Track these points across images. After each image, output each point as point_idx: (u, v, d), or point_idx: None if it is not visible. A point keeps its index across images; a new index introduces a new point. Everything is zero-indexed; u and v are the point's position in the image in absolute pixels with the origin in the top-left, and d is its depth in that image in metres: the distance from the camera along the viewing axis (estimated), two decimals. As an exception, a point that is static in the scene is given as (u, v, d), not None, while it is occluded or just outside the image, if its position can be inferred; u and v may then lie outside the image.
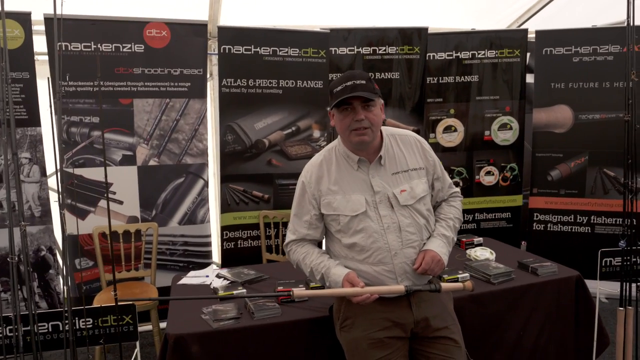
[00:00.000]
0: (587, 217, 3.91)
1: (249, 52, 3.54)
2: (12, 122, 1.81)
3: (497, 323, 2.37)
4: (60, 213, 1.85)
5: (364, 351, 1.91)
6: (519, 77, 3.92)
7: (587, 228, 3.92)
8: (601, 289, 2.54)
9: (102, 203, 3.41)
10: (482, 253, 2.77)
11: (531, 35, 3.92)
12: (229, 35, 3.49)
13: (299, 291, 1.74)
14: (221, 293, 2.37)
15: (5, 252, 3.20)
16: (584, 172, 3.89)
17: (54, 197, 3.63)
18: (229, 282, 2.57)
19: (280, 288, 2.33)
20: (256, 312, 2.15)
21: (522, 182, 4.05)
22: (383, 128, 2.03)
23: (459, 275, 2.40)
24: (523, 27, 4.45)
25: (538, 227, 4.01)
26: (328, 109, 1.94)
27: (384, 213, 1.92)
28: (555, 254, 3.73)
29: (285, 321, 2.14)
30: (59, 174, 1.98)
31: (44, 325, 1.89)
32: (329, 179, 1.98)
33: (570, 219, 3.94)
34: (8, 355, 1.85)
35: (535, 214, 4.01)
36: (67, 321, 1.83)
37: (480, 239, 3.08)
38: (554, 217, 3.97)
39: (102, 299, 3.12)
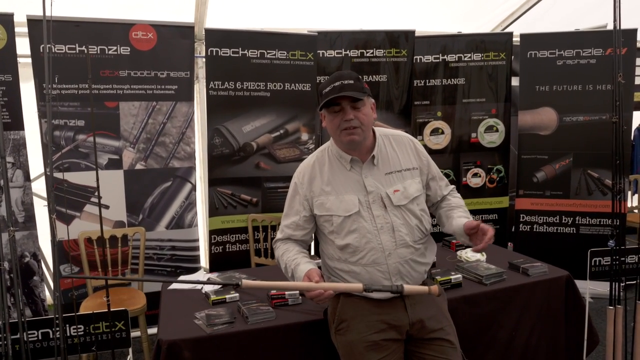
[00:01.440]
0: (572, 218, 3.97)
1: (237, 55, 3.52)
2: (0, 125, 1.76)
3: (490, 323, 2.38)
4: (50, 218, 1.80)
5: (359, 354, 1.90)
6: (504, 79, 3.97)
7: (572, 229, 3.98)
8: (590, 288, 2.57)
9: (88, 208, 3.35)
10: (472, 254, 2.78)
11: (516, 39, 3.97)
12: (216, 37, 3.47)
13: (248, 282, 1.69)
14: (213, 297, 2.34)
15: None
16: (569, 173, 3.95)
17: (39, 202, 3.57)
18: (220, 286, 2.53)
19: (273, 292, 2.31)
20: (250, 317, 2.13)
21: (508, 184, 4.10)
22: (376, 129, 2.04)
23: (451, 277, 2.41)
24: (507, 30, 4.51)
25: (524, 228, 4.06)
26: (318, 109, 1.93)
27: (377, 213, 1.91)
28: (542, 254, 3.76)
29: (279, 325, 2.11)
30: (48, 177, 1.92)
31: (34, 333, 1.85)
32: (321, 179, 1.98)
33: (556, 219, 4.00)
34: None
35: (521, 215, 4.06)
36: (57, 329, 1.78)
37: (470, 240, 3.09)
38: (540, 218, 4.03)
39: (89, 306, 3.05)
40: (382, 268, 1.91)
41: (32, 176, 3.24)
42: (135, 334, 3.35)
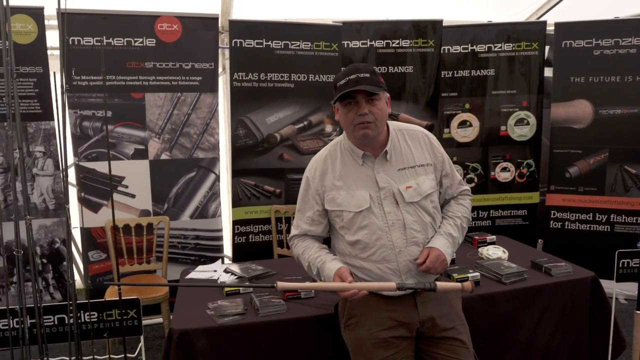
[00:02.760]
0: (606, 216, 3.81)
1: (261, 46, 3.51)
2: (17, 116, 1.81)
3: (508, 323, 2.31)
4: (67, 208, 1.85)
5: (368, 350, 1.88)
6: (537, 70, 3.82)
7: (606, 227, 3.82)
8: (618, 290, 2.46)
9: (115, 196, 3.43)
10: (494, 252, 2.70)
11: (550, 28, 3.81)
12: (240, 28, 3.47)
13: (283, 284, 1.71)
14: (227, 289, 2.36)
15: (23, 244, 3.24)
16: (604, 169, 3.78)
17: (73, 191, 3.68)
18: (236, 277, 2.55)
19: (286, 284, 2.30)
20: (261, 309, 2.14)
21: (539, 179, 3.96)
22: (390, 123, 1.99)
23: (469, 275, 2.35)
24: (542, 19, 4.33)
25: (555, 225, 3.92)
26: (332, 102, 1.90)
27: (388, 210, 1.88)
28: (573, 252, 3.65)
29: (290, 318, 2.12)
30: (68, 169, 1.97)
31: (50, 318, 1.91)
32: (333, 174, 1.95)
33: (589, 217, 3.84)
34: (14, 346, 1.87)
35: (552, 212, 3.92)
36: (71, 314, 1.83)
37: (494, 237, 3.01)
38: (572, 215, 3.88)
39: (114, 292, 3.14)
40: (393, 265, 1.88)
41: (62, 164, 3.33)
42: (158, 320, 3.45)
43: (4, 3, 1.79)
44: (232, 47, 3.47)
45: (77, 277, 3.81)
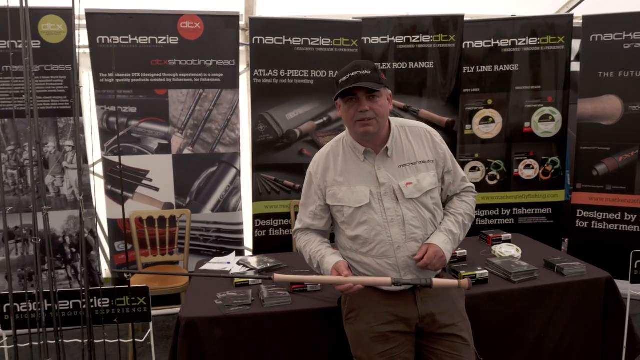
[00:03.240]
0: (636, 215, 3.68)
1: (281, 43, 3.56)
2: (35, 113, 1.92)
3: (517, 322, 2.28)
4: (79, 199, 1.96)
5: (367, 344, 1.91)
6: (564, 65, 3.72)
7: (636, 227, 3.69)
8: (634, 292, 2.38)
9: (140, 189, 3.57)
10: (507, 250, 2.67)
11: (577, 21, 3.70)
12: (260, 26, 3.53)
13: (280, 275, 1.76)
14: (237, 280, 2.43)
15: (54, 234, 3.42)
16: (634, 167, 3.65)
17: (100, 183, 3.85)
18: (247, 269, 2.62)
19: (294, 278, 2.35)
20: (267, 300, 2.19)
21: (564, 177, 3.86)
22: (392, 119, 2.00)
23: (477, 272, 2.33)
24: (571, 13, 4.20)
25: (581, 224, 3.81)
26: (334, 99, 1.92)
27: (388, 206, 1.89)
28: (598, 252, 3.57)
29: (293, 310, 2.16)
30: (99, 163, 2.07)
31: (66, 303, 2.02)
32: (335, 170, 1.98)
33: (617, 216, 3.72)
34: (32, 328, 1.99)
35: (578, 211, 3.81)
36: (84, 300, 1.93)
37: (509, 235, 2.96)
38: (599, 214, 3.76)
39: (137, 280, 3.27)
40: (391, 261, 1.89)
41: (90, 159, 3.49)
42: (177, 310, 3.55)
43: (23, 4, 1.89)
44: (253, 44, 3.54)
45: (105, 266, 3.98)
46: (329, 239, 2.10)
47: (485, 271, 2.35)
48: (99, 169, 3.84)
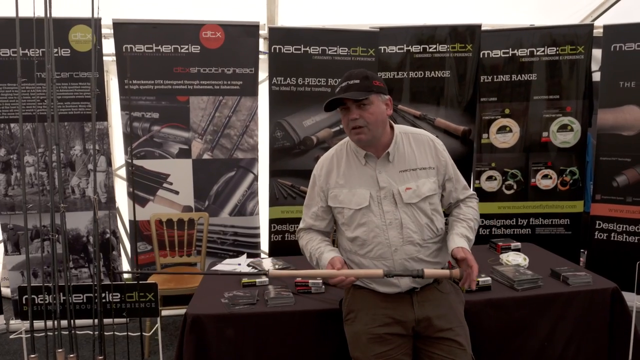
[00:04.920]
0: (657, 228, 3.59)
1: (299, 52, 3.65)
2: (55, 117, 2.05)
3: (519, 330, 2.28)
4: (93, 199, 2.07)
5: (364, 345, 1.95)
6: (583, 75, 3.68)
7: (657, 240, 3.60)
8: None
9: (161, 192, 3.70)
10: (514, 258, 2.66)
11: (597, 31, 3.66)
12: (279, 35, 3.63)
13: (275, 271, 1.83)
14: (244, 280, 2.51)
15: (77, 233, 3.58)
16: (655, 179, 3.57)
17: (123, 185, 4.01)
18: (257, 270, 2.69)
19: (298, 279, 2.41)
20: (270, 300, 2.25)
21: (584, 188, 3.80)
22: (397, 126, 2.05)
23: (480, 279, 2.33)
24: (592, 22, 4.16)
25: (600, 236, 3.75)
26: (323, 109, 1.98)
27: (387, 209, 1.94)
28: (618, 265, 3.50)
29: (295, 310, 2.22)
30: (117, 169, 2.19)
31: (80, 297, 2.13)
32: (337, 172, 2.04)
33: (638, 229, 3.64)
34: (47, 319, 2.11)
35: (597, 222, 3.75)
36: (96, 294, 2.04)
37: (518, 244, 2.95)
38: (619, 227, 3.69)
39: (154, 280, 3.39)
40: (388, 263, 1.93)
41: (115, 163, 3.65)
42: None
43: (47, 15, 2.02)
44: (272, 52, 3.64)
45: (126, 266, 4.12)
46: (330, 239, 2.16)
47: (488, 278, 2.36)
48: (122, 171, 4.00)
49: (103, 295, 2.08)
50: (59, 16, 2.66)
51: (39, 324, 2.11)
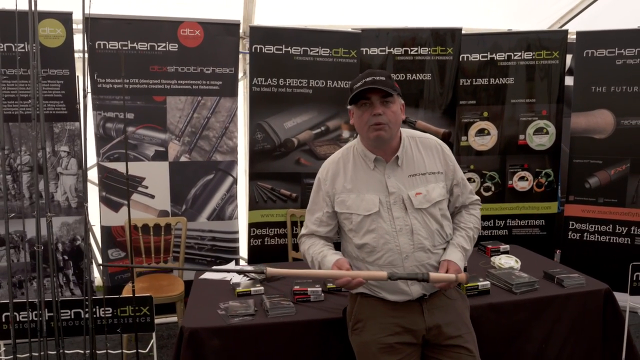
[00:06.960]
0: (626, 228, 3.74)
1: (280, 52, 3.57)
2: (41, 118, 1.89)
3: (518, 333, 2.30)
4: (85, 206, 1.93)
5: (373, 355, 1.90)
6: (558, 79, 3.79)
7: (626, 239, 3.75)
8: (632, 304, 2.42)
9: (135, 196, 3.52)
10: (506, 261, 2.69)
11: (572, 37, 3.78)
12: (260, 34, 3.53)
13: (272, 269, 1.75)
14: (239, 289, 2.41)
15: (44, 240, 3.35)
16: (625, 180, 3.72)
17: (93, 189, 3.79)
18: (249, 278, 2.60)
19: (296, 287, 2.34)
20: (270, 310, 2.17)
21: (558, 189, 3.91)
22: (403, 130, 2.02)
23: (479, 283, 2.34)
24: (564, 28, 4.29)
25: (573, 236, 3.87)
26: (348, 106, 1.92)
27: (397, 215, 1.90)
28: (591, 264, 3.62)
29: (298, 320, 2.15)
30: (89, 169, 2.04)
31: (67, 312, 1.98)
32: (344, 177, 1.98)
33: (609, 229, 3.78)
34: (32, 338, 1.94)
35: (570, 222, 3.87)
36: (87, 309, 1.90)
37: (507, 246, 2.99)
38: (591, 227, 3.82)
39: (130, 290, 3.22)
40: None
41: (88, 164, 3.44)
42: (173, 319, 3.51)
43: (32, 8, 1.86)
44: (252, 52, 3.54)
45: (96, 274, 3.91)
46: (333, 245, 2.10)
47: (487, 282, 2.37)
48: (92, 175, 3.78)
49: (94, 310, 1.94)
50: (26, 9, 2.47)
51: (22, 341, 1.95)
